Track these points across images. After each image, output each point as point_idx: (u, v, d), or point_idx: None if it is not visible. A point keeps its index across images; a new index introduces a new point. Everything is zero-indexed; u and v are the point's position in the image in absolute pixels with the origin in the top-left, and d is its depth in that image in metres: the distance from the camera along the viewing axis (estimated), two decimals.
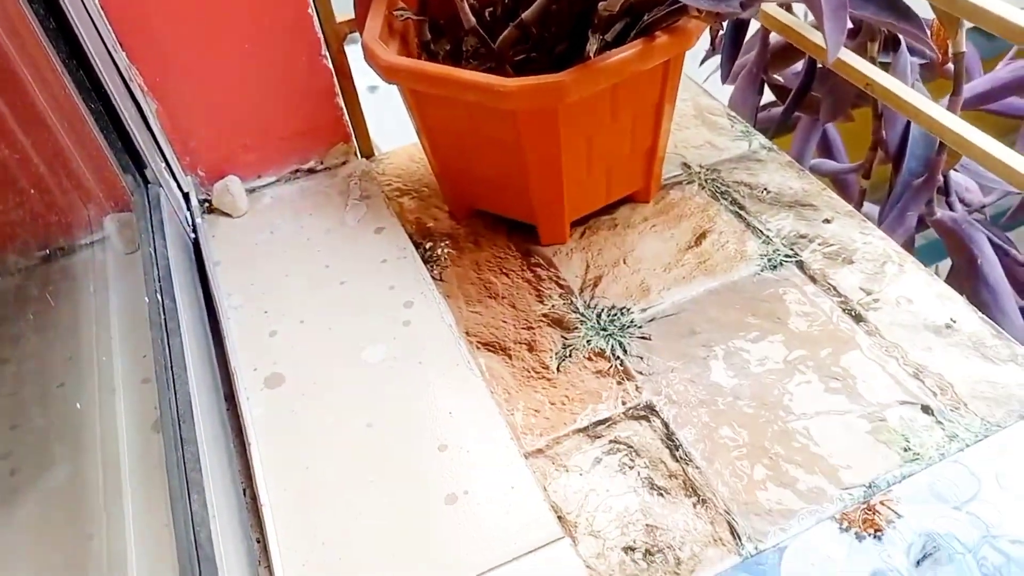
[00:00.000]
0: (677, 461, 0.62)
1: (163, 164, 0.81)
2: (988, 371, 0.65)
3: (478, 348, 0.73)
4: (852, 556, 0.55)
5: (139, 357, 0.66)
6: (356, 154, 0.93)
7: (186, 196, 0.84)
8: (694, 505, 0.59)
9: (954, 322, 0.69)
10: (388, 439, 0.63)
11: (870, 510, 0.57)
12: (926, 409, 0.63)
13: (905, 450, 0.60)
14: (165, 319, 0.63)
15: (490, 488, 0.59)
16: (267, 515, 0.57)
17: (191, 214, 0.83)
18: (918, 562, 0.54)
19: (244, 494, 0.61)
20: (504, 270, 0.80)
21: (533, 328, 0.74)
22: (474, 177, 0.81)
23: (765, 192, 0.85)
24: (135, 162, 0.77)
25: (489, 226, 0.85)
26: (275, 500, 0.59)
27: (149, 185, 0.79)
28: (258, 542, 0.57)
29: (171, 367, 0.60)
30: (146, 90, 0.78)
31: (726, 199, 0.84)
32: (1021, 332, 0.83)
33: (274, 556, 0.55)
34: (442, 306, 0.75)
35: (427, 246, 0.83)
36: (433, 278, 0.79)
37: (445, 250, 0.83)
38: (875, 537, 0.56)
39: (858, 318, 0.70)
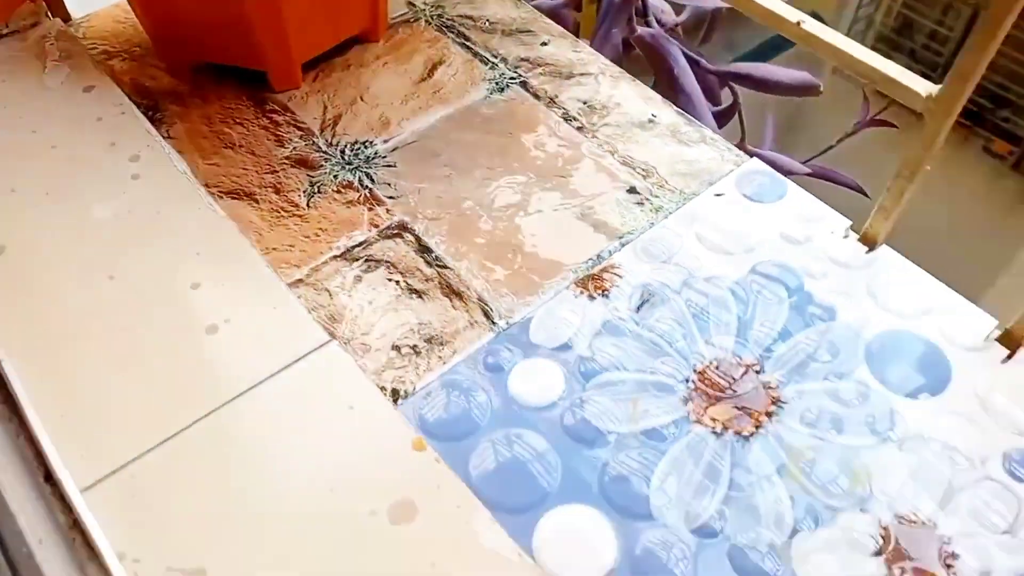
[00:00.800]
0: (431, 266, 0.66)
1: None
2: (683, 152, 0.75)
3: (221, 198, 0.71)
4: (586, 314, 0.63)
5: None
6: (48, 15, 0.83)
7: None
8: (451, 300, 0.64)
9: (655, 117, 0.78)
10: (134, 288, 0.61)
11: (597, 277, 0.66)
12: (634, 190, 0.72)
13: (621, 225, 0.69)
14: None
15: (252, 314, 0.60)
16: (8, 371, 0.53)
17: None
18: (638, 308, 0.64)
19: None
20: (238, 120, 0.78)
21: (277, 171, 0.74)
22: (191, 26, 0.76)
23: (488, 23, 0.88)
24: None
25: (215, 80, 0.81)
26: (17, 360, 0.55)
27: None
28: (5, 402, 0.53)
29: None
30: None
31: (452, 32, 0.87)
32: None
33: (26, 409, 0.52)
34: (173, 155, 0.71)
35: (148, 105, 0.78)
36: (162, 136, 0.74)
37: (169, 108, 0.78)
38: (603, 295, 0.64)
39: (578, 126, 0.78)
